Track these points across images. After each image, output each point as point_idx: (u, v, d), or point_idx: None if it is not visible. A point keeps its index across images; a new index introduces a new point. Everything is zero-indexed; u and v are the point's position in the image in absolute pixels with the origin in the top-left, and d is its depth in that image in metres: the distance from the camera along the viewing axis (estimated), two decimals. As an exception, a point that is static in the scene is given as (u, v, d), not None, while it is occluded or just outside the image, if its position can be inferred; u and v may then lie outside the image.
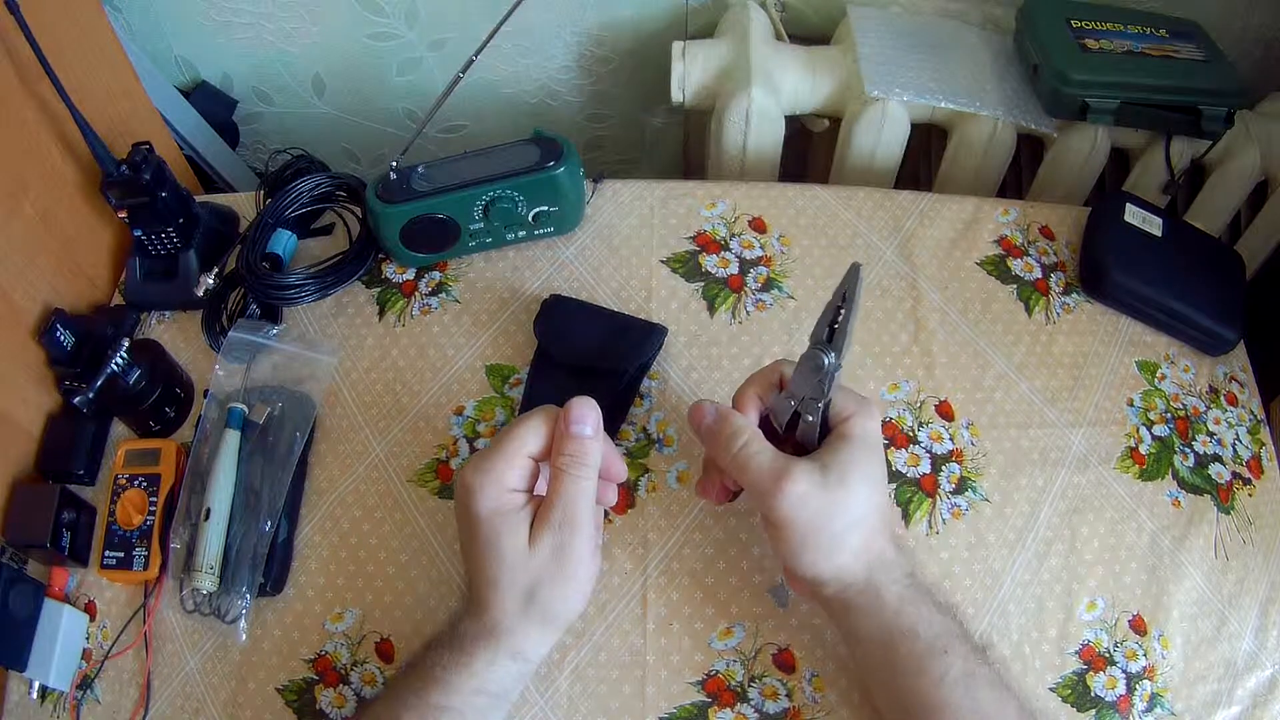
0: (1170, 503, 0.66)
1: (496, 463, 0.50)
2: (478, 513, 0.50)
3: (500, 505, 0.50)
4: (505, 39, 0.72)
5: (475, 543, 0.51)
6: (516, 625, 0.50)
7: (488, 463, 0.50)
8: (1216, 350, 0.73)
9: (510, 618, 0.50)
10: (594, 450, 0.51)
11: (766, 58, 0.88)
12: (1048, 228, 0.78)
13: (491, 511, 0.50)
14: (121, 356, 0.64)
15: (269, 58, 1.06)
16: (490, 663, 0.50)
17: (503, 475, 0.50)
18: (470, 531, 0.51)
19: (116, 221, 0.74)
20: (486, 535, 0.50)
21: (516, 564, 0.49)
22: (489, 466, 0.50)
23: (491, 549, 0.50)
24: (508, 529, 0.50)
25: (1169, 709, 0.59)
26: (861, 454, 0.51)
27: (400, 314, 0.72)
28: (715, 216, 0.76)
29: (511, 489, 0.51)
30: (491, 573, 0.50)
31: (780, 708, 0.58)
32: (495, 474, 0.50)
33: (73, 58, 0.69)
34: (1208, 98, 0.80)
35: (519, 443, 0.51)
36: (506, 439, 0.51)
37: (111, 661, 0.61)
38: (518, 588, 0.50)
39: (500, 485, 0.50)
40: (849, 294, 0.51)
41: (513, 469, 0.51)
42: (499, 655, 0.50)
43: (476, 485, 0.50)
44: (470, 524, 0.51)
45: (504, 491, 0.50)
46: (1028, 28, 0.86)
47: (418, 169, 0.69)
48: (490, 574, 0.50)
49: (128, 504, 0.63)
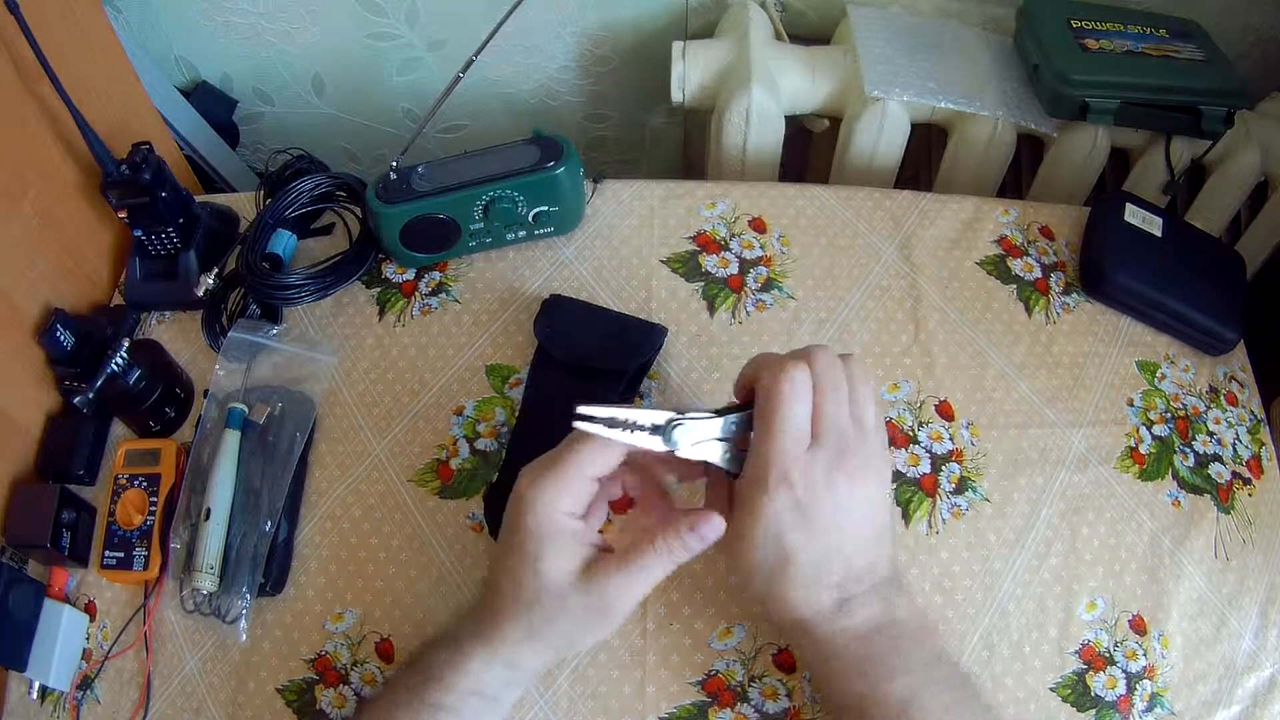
0: (1170, 503, 0.66)
1: (553, 483, 0.49)
2: (526, 526, 0.49)
3: (551, 526, 0.49)
4: (505, 39, 0.72)
5: (515, 554, 0.49)
6: (523, 640, 0.50)
7: (545, 480, 0.49)
8: (1216, 350, 0.73)
9: (520, 632, 0.50)
10: (694, 555, 0.49)
11: (766, 58, 0.88)
12: (1048, 228, 0.78)
13: (541, 530, 0.48)
14: (121, 356, 0.64)
15: (269, 58, 1.06)
16: (485, 666, 0.50)
17: (558, 499, 0.49)
18: (513, 541, 0.50)
19: (116, 221, 0.74)
20: (531, 550, 0.48)
21: (551, 588, 0.48)
22: (546, 485, 0.49)
23: (529, 565, 0.49)
24: (553, 551, 0.48)
25: (1169, 709, 0.59)
26: (766, 527, 0.48)
27: (400, 314, 0.72)
28: (715, 216, 0.76)
29: (566, 512, 0.49)
30: (523, 587, 0.49)
31: (780, 708, 0.58)
32: (550, 494, 0.49)
33: (73, 58, 0.69)
34: (1208, 98, 0.80)
35: (578, 466, 0.49)
36: (568, 458, 0.49)
37: (111, 661, 0.61)
38: (542, 609, 0.49)
39: (554, 506, 0.49)
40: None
41: (568, 494, 0.49)
42: (494, 662, 0.50)
43: (530, 499, 0.49)
44: (516, 535, 0.49)
45: (557, 513, 0.49)
46: (1028, 28, 0.86)
47: (418, 169, 0.69)
48: (520, 588, 0.49)
49: (128, 504, 0.63)
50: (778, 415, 0.48)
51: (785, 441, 0.48)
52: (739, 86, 0.86)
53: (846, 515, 0.49)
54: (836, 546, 0.49)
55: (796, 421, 0.48)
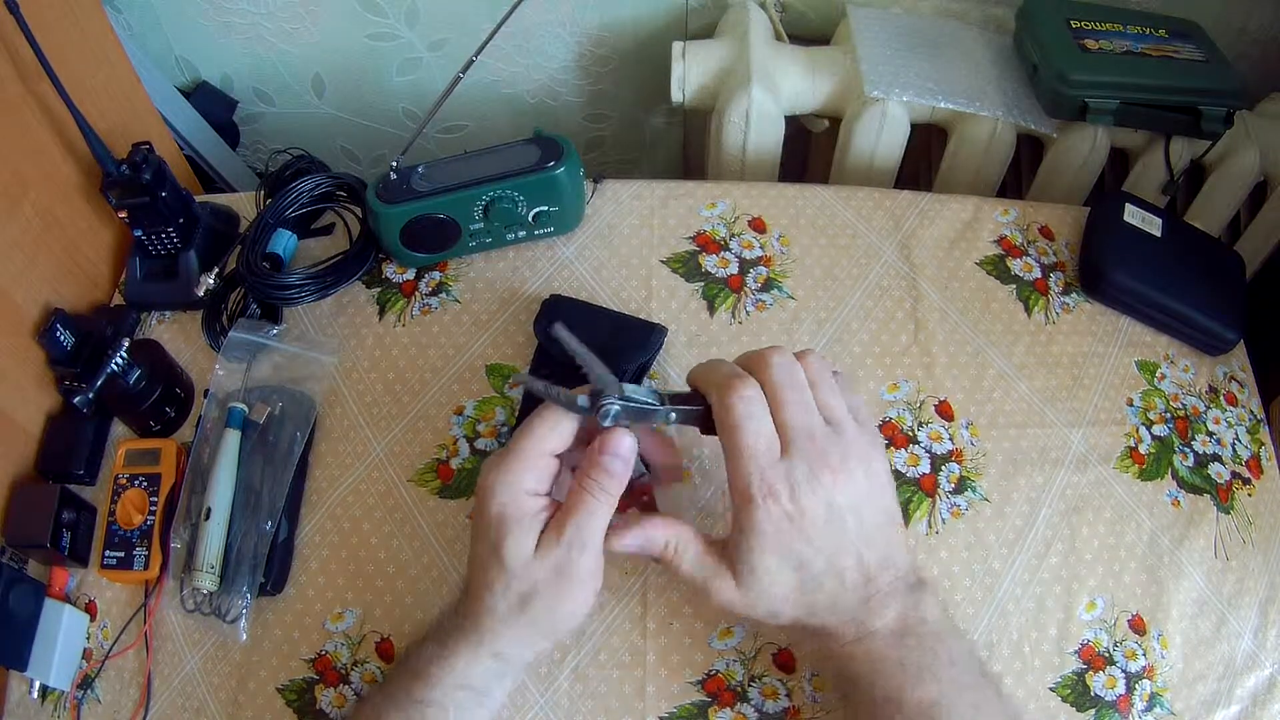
0: (1170, 502, 0.66)
1: (513, 464, 0.49)
2: (489, 514, 0.49)
3: (514, 509, 0.49)
4: (505, 39, 0.72)
5: (481, 542, 0.50)
6: (502, 629, 0.50)
7: (505, 463, 0.49)
8: (1216, 350, 0.73)
9: (498, 622, 0.50)
10: (620, 479, 0.49)
11: (766, 58, 0.88)
12: (1047, 228, 0.78)
13: (503, 514, 0.49)
14: (121, 356, 0.64)
15: (269, 58, 1.06)
16: (472, 660, 0.50)
17: (520, 477, 0.49)
18: (479, 530, 0.51)
19: (116, 221, 0.74)
20: (494, 537, 0.49)
21: (516, 570, 0.49)
22: (506, 467, 0.49)
23: (495, 552, 0.49)
24: (516, 533, 0.49)
25: (1168, 708, 0.59)
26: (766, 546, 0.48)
27: (400, 314, 0.72)
28: (715, 216, 0.76)
29: (529, 491, 0.49)
30: (490, 574, 0.50)
31: (780, 707, 0.58)
32: (512, 475, 0.49)
33: (73, 58, 0.69)
34: (1208, 98, 0.80)
35: (537, 442, 0.50)
36: (524, 438, 0.50)
37: (112, 661, 0.61)
38: (512, 593, 0.49)
39: (516, 488, 0.49)
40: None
41: (530, 470, 0.49)
42: (480, 654, 0.50)
43: (491, 485, 0.49)
44: (481, 524, 0.50)
45: (520, 494, 0.49)
46: (1028, 28, 0.86)
47: (418, 169, 0.69)
48: (489, 576, 0.50)
49: (128, 504, 0.63)
50: (738, 438, 0.47)
51: (756, 461, 0.47)
52: (739, 87, 0.86)
53: (843, 511, 0.48)
54: (843, 544, 0.48)
55: (760, 438, 0.48)
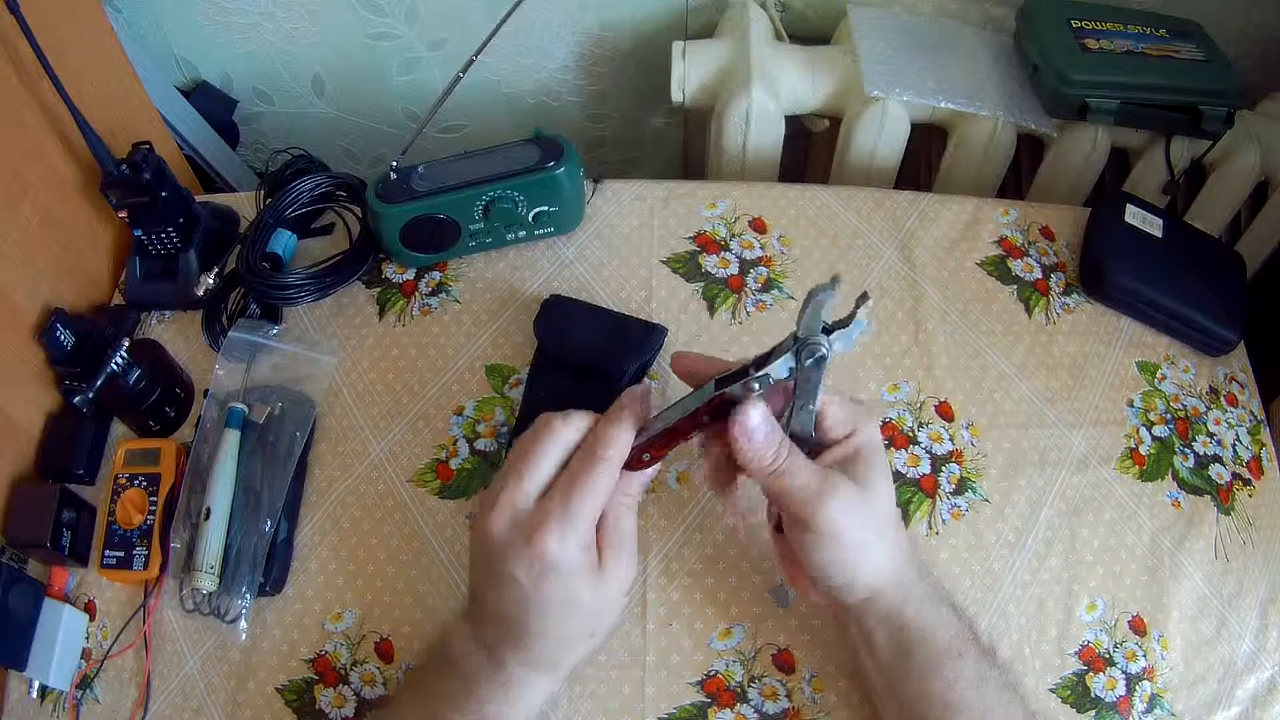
0: (1170, 503, 0.66)
1: (574, 528, 0.46)
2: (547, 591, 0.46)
3: (582, 563, 0.47)
4: (505, 39, 0.72)
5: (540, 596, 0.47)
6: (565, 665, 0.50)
7: (567, 532, 0.46)
8: (1217, 351, 0.72)
9: (564, 669, 0.50)
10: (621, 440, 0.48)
11: (766, 58, 0.88)
12: (1048, 228, 0.78)
13: (575, 571, 0.47)
14: (121, 356, 0.64)
15: (269, 58, 1.06)
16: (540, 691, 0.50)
17: (584, 536, 0.47)
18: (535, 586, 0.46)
19: (116, 221, 0.74)
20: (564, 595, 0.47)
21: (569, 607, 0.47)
22: (568, 535, 0.46)
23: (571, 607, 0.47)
24: (589, 585, 0.47)
25: (1169, 710, 0.59)
26: (879, 461, 0.50)
27: (400, 314, 0.72)
28: (715, 216, 0.76)
29: (584, 547, 0.47)
30: (565, 628, 0.48)
31: (780, 708, 0.58)
32: (573, 540, 0.46)
33: (73, 58, 0.69)
34: (1208, 98, 0.80)
35: (593, 498, 0.47)
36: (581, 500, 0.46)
37: (111, 661, 0.61)
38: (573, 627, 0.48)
39: (579, 555, 0.47)
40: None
41: (590, 529, 0.47)
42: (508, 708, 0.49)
43: (555, 559, 0.46)
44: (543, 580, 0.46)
45: (582, 556, 0.47)
46: (1028, 28, 0.86)
47: (418, 169, 0.69)
48: (563, 629, 0.48)
49: (128, 504, 0.63)
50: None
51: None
52: (739, 86, 0.86)
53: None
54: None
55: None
